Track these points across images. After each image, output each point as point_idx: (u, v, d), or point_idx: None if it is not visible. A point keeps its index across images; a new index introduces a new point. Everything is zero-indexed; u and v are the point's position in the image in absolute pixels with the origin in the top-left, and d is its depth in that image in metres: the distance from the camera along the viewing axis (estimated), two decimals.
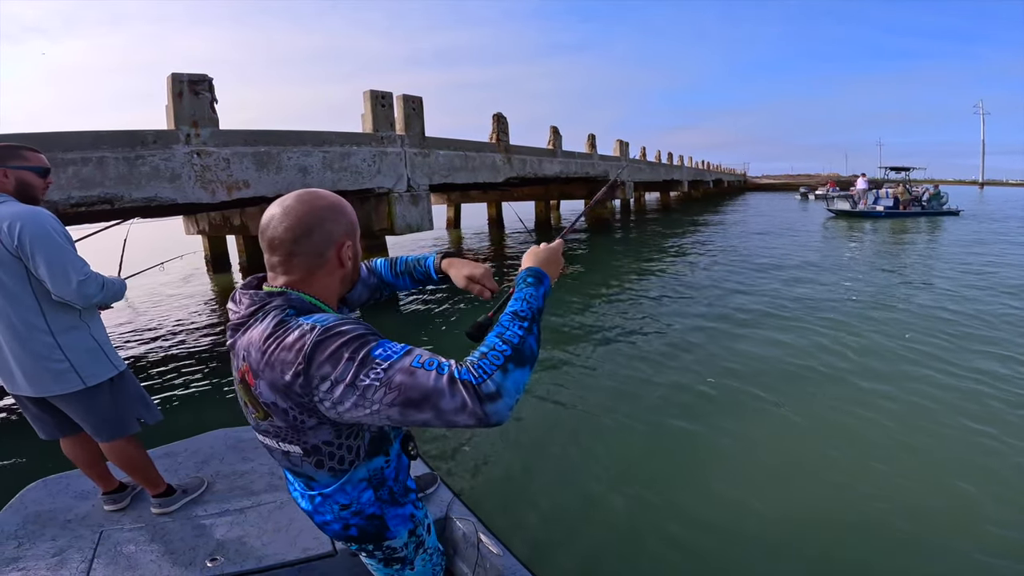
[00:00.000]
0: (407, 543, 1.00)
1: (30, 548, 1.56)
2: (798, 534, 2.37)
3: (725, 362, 4.52)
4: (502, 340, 0.78)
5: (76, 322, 1.62)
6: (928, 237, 13.44)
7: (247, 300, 0.87)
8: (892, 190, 19.44)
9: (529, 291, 0.89)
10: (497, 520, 2.35)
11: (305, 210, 0.86)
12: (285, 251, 0.86)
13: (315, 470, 0.90)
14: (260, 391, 0.82)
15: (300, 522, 1.67)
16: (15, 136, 3.85)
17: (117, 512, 1.78)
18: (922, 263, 9.45)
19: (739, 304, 6.51)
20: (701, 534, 2.40)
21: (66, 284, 1.52)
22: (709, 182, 37.51)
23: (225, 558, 1.53)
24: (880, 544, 2.29)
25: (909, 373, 4.10)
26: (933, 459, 2.91)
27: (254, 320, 0.85)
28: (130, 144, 4.41)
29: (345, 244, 0.90)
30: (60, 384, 1.60)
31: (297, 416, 0.82)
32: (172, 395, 4.33)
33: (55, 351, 1.57)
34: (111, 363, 1.69)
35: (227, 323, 0.91)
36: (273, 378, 0.80)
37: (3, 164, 1.59)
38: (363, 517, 0.94)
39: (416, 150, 7.45)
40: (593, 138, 15.02)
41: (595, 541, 2.39)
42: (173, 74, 4.65)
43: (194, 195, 4.81)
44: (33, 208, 1.56)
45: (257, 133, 5.38)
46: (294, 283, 0.88)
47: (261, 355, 0.81)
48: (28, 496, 1.83)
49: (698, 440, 3.25)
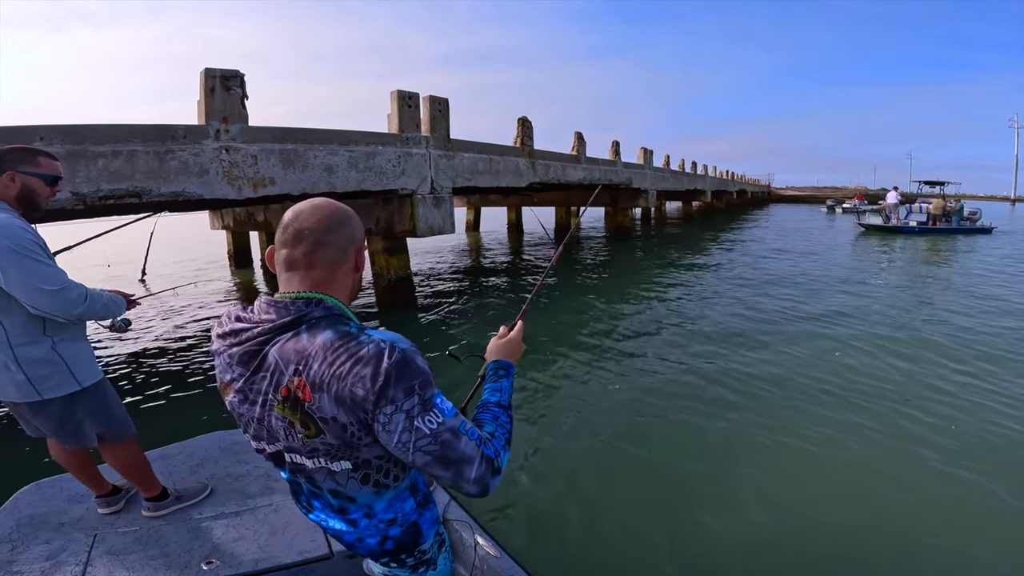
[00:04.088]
0: (433, 543, 1.02)
1: (24, 551, 1.54)
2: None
3: (741, 377, 4.36)
4: (499, 425, 0.92)
5: (36, 337, 1.57)
6: (973, 256, 12.76)
7: (275, 310, 0.83)
8: (926, 205, 18.83)
9: (504, 383, 1.01)
10: (494, 522, 2.42)
11: (335, 206, 0.88)
12: (314, 241, 0.84)
13: (360, 487, 0.88)
14: (320, 405, 0.79)
15: (296, 525, 1.67)
16: (55, 128, 3.89)
17: (111, 515, 1.76)
18: (999, 296, 7.75)
19: (777, 336, 6.04)
20: (700, 534, 2.46)
21: (39, 296, 1.47)
22: (732, 193, 36.94)
23: (220, 561, 1.53)
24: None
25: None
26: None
27: (293, 331, 0.81)
28: (161, 138, 4.43)
29: (361, 248, 0.92)
30: (19, 393, 1.58)
31: (355, 432, 0.81)
32: (167, 397, 4.29)
33: (12, 363, 1.54)
34: (74, 379, 1.64)
35: (230, 339, 0.85)
36: (341, 391, 0.78)
37: (14, 168, 1.54)
38: (403, 528, 0.95)
39: (441, 152, 7.41)
40: (617, 145, 14.86)
41: (590, 541, 2.43)
42: (206, 69, 4.67)
43: (221, 191, 4.82)
44: (1, 221, 1.47)
45: (285, 130, 5.38)
46: (319, 283, 0.85)
47: (328, 366, 0.78)
48: (22, 499, 1.82)
49: (694, 440, 3.31)
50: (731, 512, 2.63)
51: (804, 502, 2.71)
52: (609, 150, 14.73)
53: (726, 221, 24.69)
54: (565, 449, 3.29)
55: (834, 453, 3.18)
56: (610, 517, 2.60)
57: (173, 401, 4.23)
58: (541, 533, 2.48)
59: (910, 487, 2.81)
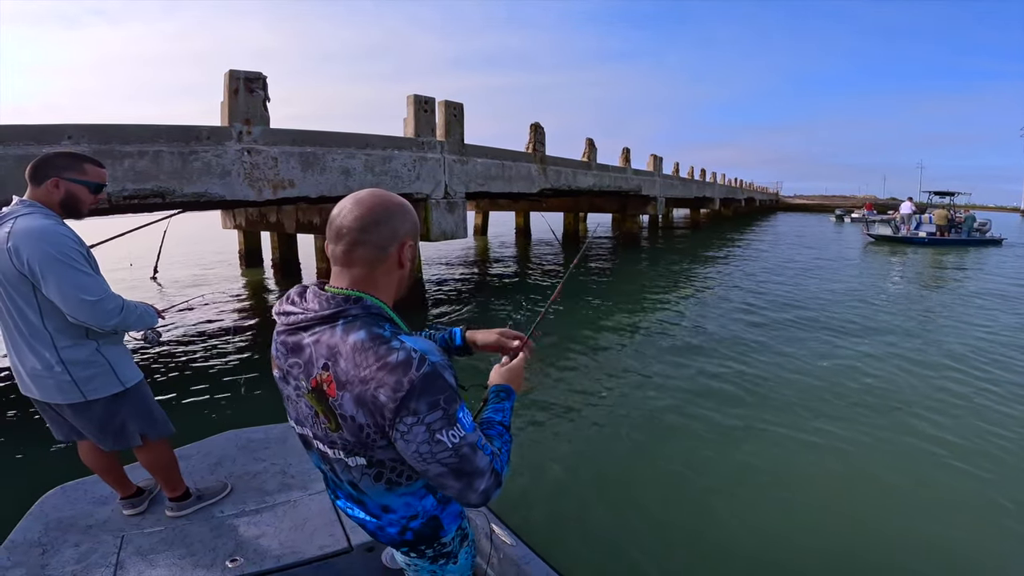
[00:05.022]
0: (454, 537, 1.03)
1: (55, 555, 1.58)
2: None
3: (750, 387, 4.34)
4: (503, 443, 0.94)
5: (80, 339, 1.60)
6: (988, 269, 12.69)
7: (318, 302, 0.85)
8: (933, 215, 18.74)
9: (506, 405, 1.03)
10: (510, 511, 2.41)
11: (376, 202, 0.86)
12: (351, 239, 0.85)
13: (373, 483, 0.90)
14: (342, 403, 0.81)
15: (315, 520, 1.70)
16: (83, 128, 3.94)
17: (136, 516, 1.79)
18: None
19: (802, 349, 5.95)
20: (715, 530, 2.51)
21: (78, 306, 1.50)
22: (741, 200, 36.84)
23: (244, 558, 1.56)
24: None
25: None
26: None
27: (330, 324, 0.83)
28: (185, 139, 4.49)
29: (407, 243, 0.89)
30: (62, 395, 1.60)
31: (371, 434, 0.83)
32: (179, 396, 4.30)
33: (57, 364, 1.57)
34: (117, 379, 1.67)
35: (282, 319, 0.88)
36: (363, 393, 0.79)
37: (59, 174, 1.55)
38: (423, 521, 0.96)
39: (455, 157, 7.45)
40: (627, 152, 14.86)
41: (610, 531, 2.47)
42: (231, 71, 4.73)
43: (242, 192, 4.86)
44: (45, 227, 1.48)
45: (305, 133, 5.43)
46: (358, 281, 0.86)
47: (355, 367, 0.79)
48: (48, 503, 1.85)
49: (706, 439, 3.38)
50: (738, 507, 2.71)
51: (828, 504, 2.74)
52: (619, 157, 14.73)
53: (734, 229, 24.61)
54: (573, 447, 3.34)
55: (847, 457, 3.21)
56: (625, 509, 2.66)
57: (184, 401, 4.24)
58: (557, 523, 2.53)
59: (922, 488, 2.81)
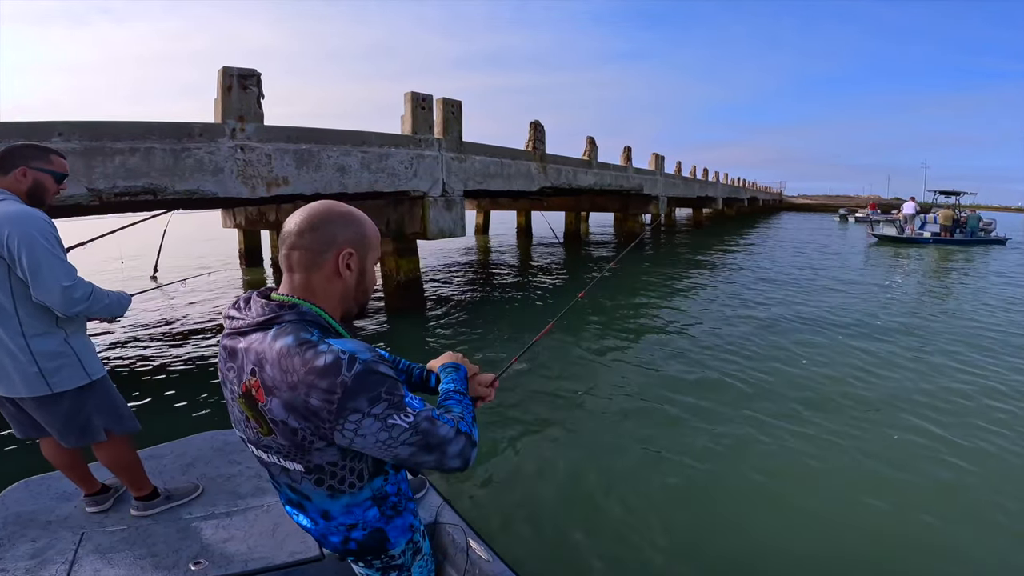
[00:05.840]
0: (405, 550, 1.02)
1: (9, 549, 1.54)
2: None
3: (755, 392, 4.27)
4: (464, 407, 0.99)
5: (51, 328, 1.58)
6: (992, 269, 12.60)
7: (257, 308, 0.86)
8: (939, 215, 18.58)
9: (456, 376, 1.08)
10: (486, 526, 2.39)
11: (319, 210, 0.88)
12: (289, 243, 0.87)
13: (314, 488, 0.89)
14: (271, 408, 0.82)
15: (287, 526, 1.66)
16: (73, 125, 3.92)
17: (99, 514, 1.75)
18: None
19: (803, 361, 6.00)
20: (701, 538, 2.47)
21: (48, 289, 1.49)
22: (744, 200, 36.67)
23: (210, 561, 1.51)
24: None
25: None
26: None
27: (263, 331, 0.83)
28: (177, 136, 4.46)
29: (345, 251, 0.88)
30: (27, 387, 1.57)
31: (307, 437, 0.82)
32: (159, 396, 4.25)
33: (25, 354, 1.54)
34: (84, 372, 1.65)
35: (227, 323, 0.89)
36: (293, 399, 0.79)
37: (27, 163, 1.59)
38: (365, 532, 0.95)
39: (453, 155, 7.40)
40: (629, 150, 14.79)
41: (582, 543, 2.43)
42: (224, 68, 4.70)
43: (235, 190, 4.83)
44: (27, 211, 1.53)
45: (299, 130, 5.40)
46: (297, 288, 0.88)
47: (282, 373, 0.79)
48: (9, 497, 1.80)
49: (703, 446, 3.25)
50: (731, 520, 2.64)
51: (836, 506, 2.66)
52: (621, 156, 14.67)
53: (736, 230, 24.50)
54: (561, 456, 3.27)
55: (851, 456, 3.16)
56: (606, 524, 2.60)
57: (161, 400, 4.19)
58: (536, 538, 2.48)
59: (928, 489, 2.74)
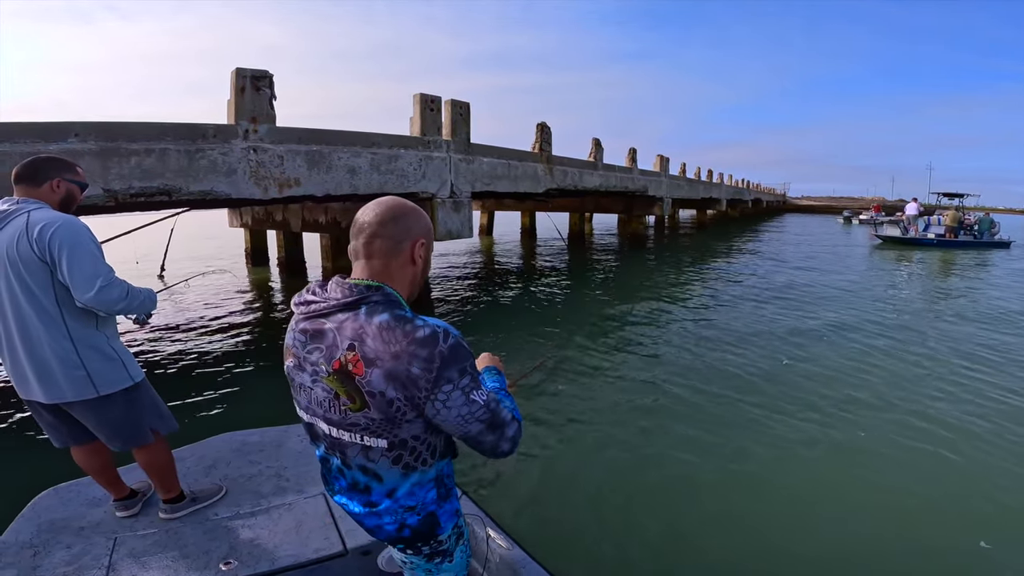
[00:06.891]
0: (450, 535, 1.06)
1: (46, 556, 1.57)
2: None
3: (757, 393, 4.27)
4: (511, 400, 1.05)
5: (94, 331, 1.61)
6: (997, 271, 12.57)
7: (340, 290, 0.92)
8: (943, 217, 18.52)
9: (500, 377, 1.13)
10: (506, 514, 2.43)
11: (394, 203, 0.97)
12: (370, 232, 0.93)
13: (390, 466, 0.94)
14: (370, 379, 0.86)
15: (310, 523, 1.70)
16: (90, 125, 3.95)
17: (129, 518, 1.79)
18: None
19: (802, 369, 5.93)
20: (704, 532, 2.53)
21: (89, 288, 1.51)
22: (748, 201, 36.62)
23: (238, 561, 1.55)
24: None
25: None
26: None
27: (353, 311, 0.90)
28: (191, 137, 4.48)
29: (419, 241, 0.97)
30: (74, 391, 1.58)
31: (401, 407, 0.88)
32: (177, 398, 4.24)
33: (73, 357, 1.56)
34: (128, 374, 1.68)
35: (302, 308, 0.94)
36: (396, 367, 0.85)
37: (60, 175, 1.64)
38: (419, 517, 0.99)
39: (461, 156, 7.42)
40: (634, 152, 14.80)
41: (602, 534, 2.48)
42: (237, 69, 4.72)
43: (247, 191, 4.85)
44: (67, 216, 1.59)
45: (311, 132, 5.42)
46: (376, 272, 0.94)
47: (384, 344, 0.86)
48: (40, 504, 1.83)
49: (711, 442, 3.29)
50: (731, 511, 2.71)
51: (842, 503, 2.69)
52: (626, 157, 14.67)
53: (740, 230, 24.47)
54: (576, 451, 3.32)
55: (855, 456, 3.21)
56: (620, 514, 2.66)
57: (175, 401, 4.18)
58: (552, 526, 2.53)
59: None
